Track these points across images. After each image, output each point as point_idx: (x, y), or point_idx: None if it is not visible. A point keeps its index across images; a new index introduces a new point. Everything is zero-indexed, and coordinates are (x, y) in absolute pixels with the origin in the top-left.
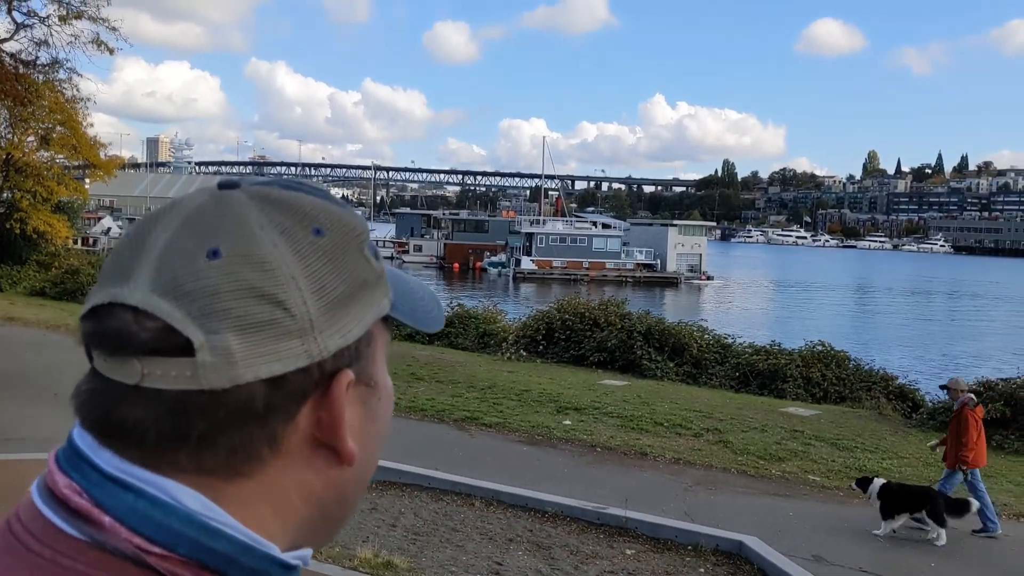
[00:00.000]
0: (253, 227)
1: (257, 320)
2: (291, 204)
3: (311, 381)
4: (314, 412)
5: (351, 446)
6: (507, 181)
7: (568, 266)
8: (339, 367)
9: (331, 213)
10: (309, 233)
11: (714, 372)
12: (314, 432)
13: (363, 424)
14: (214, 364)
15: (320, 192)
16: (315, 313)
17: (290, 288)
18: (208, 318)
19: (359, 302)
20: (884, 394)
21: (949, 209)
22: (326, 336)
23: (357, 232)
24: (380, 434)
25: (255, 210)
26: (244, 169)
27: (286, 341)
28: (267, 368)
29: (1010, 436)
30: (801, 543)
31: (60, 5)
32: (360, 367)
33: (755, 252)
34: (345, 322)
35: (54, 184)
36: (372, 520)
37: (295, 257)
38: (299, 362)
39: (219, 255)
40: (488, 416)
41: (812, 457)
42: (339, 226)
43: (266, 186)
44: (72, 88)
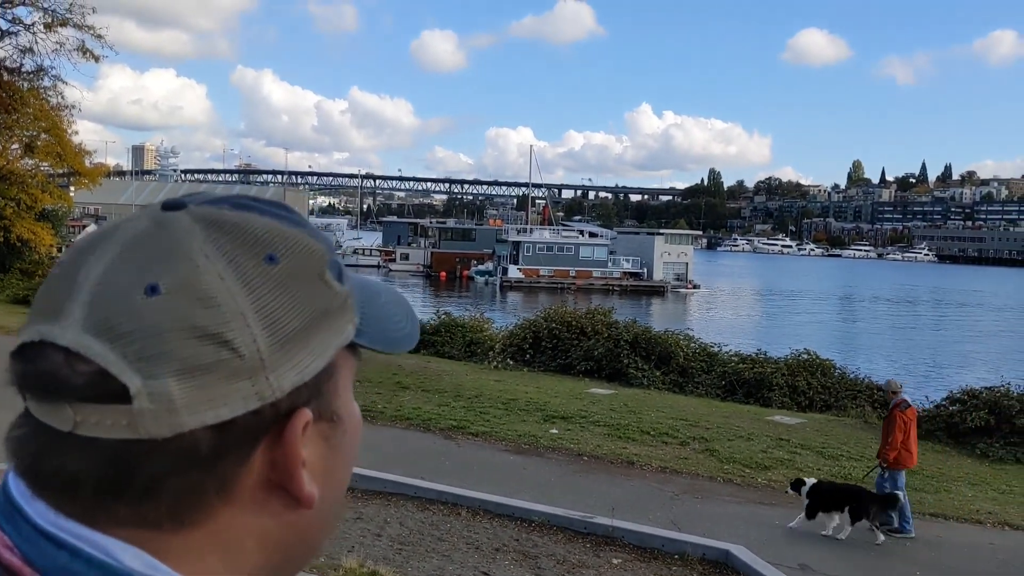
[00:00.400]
0: (197, 257)
1: (201, 363)
2: (241, 228)
3: (264, 423)
4: (268, 454)
5: (309, 489)
6: (494, 190)
7: (555, 275)
8: (295, 406)
9: (287, 236)
10: (261, 261)
11: (700, 381)
12: (269, 475)
13: (325, 462)
14: (153, 412)
15: (277, 210)
16: (267, 351)
17: (238, 325)
18: (146, 362)
19: (318, 334)
20: (869, 402)
21: (933, 218)
22: (280, 374)
23: (317, 256)
24: (345, 470)
25: (200, 236)
26: (230, 177)
27: (234, 383)
28: (213, 414)
29: (994, 444)
30: (787, 552)
31: (45, 12)
32: (320, 402)
33: (741, 261)
34: (301, 357)
35: (38, 192)
36: (357, 529)
37: (244, 290)
38: (249, 405)
39: (158, 291)
40: (475, 425)
41: (798, 466)
42: (296, 251)
43: (215, 206)
44: (57, 95)
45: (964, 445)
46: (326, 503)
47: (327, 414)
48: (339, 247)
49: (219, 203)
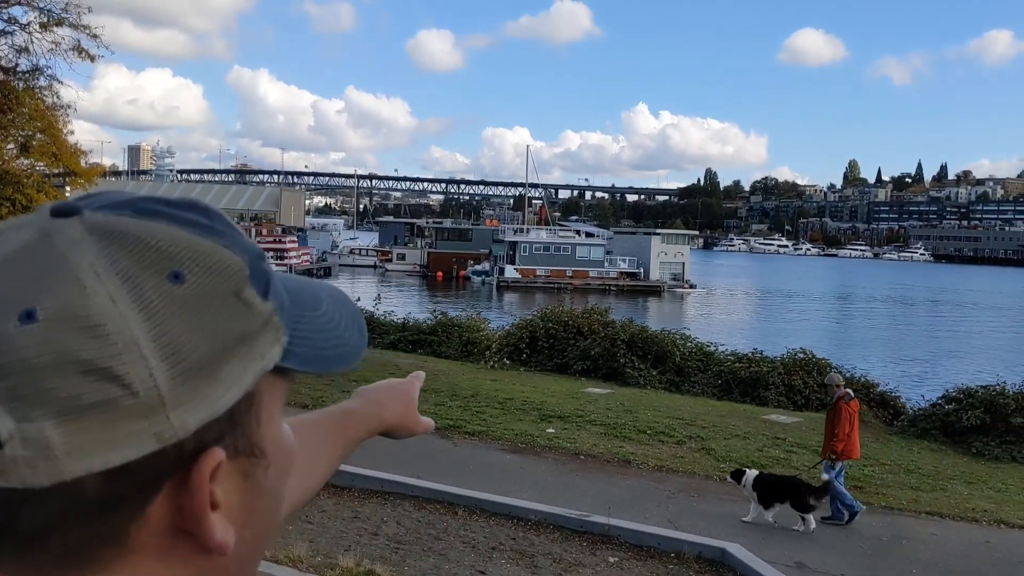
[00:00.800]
0: (85, 276)
1: (85, 402)
2: (142, 240)
3: (166, 466)
4: (173, 499)
5: (220, 536)
6: (491, 190)
7: (551, 275)
8: (204, 445)
9: (197, 250)
10: (163, 280)
11: (696, 380)
12: (175, 521)
13: (246, 502)
14: (28, 459)
15: (192, 216)
16: (166, 386)
17: (131, 358)
18: (19, 401)
19: (232, 361)
20: (865, 401)
21: (929, 218)
22: (183, 412)
23: (233, 272)
24: (271, 507)
25: (92, 250)
26: (227, 177)
27: (127, 424)
28: (101, 460)
29: (990, 443)
30: (784, 550)
31: (41, 12)
32: (237, 438)
33: (737, 261)
34: (211, 391)
35: (34, 192)
36: (354, 528)
37: (140, 315)
38: (145, 447)
39: (35, 317)
40: (471, 424)
41: (794, 464)
42: (207, 266)
43: (115, 212)
44: (53, 95)
45: (960, 444)
46: (247, 544)
47: (246, 449)
48: (335, 247)
49: (120, 208)
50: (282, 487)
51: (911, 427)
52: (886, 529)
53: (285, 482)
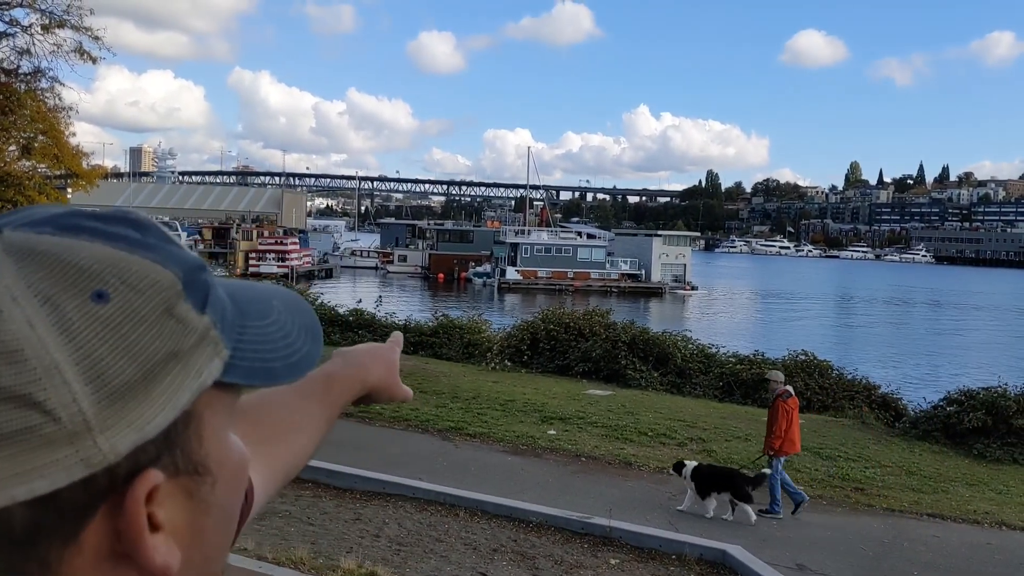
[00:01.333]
0: (1, 300)
1: (4, 431)
2: (62, 259)
3: (96, 492)
4: (109, 524)
5: (161, 559)
6: (492, 191)
7: (553, 276)
8: (139, 468)
9: (123, 266)
10: (86, 300)
11: (698, 382)
12: (114, 546)
13: (192, 521)
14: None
15: (119, 230)
16: (91, 411)
17: (51, 383)
18: None
19: (164, 380)
20: (867, 403)
21: (931, 219)
22: (112, 435)
23: (163, 287)
24: (221, 524)
25: (9, 272)
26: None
27: (51, 452)
28: (25, 489)
29: (991, 445)
30: (784, 552)
31: (43, 14)
32: (176, 457)
33: (739, 262)
34: (141, 412)
35: (35, 194)
36: (356, 530)
37: (61, 338)
38: (73, 475)
39: None
40: (472, 426)
41: (795, 466)
42: (133, 284)
43: (36, 229)
44: (54, 97)
45: (961, 446)
46: (197, 561)
47: (188, 468)
48: (337, 249)
49: (40, 226)
50: (232, 503)
51: (912, 429)
52: (887, 531)
53: (236, 497)
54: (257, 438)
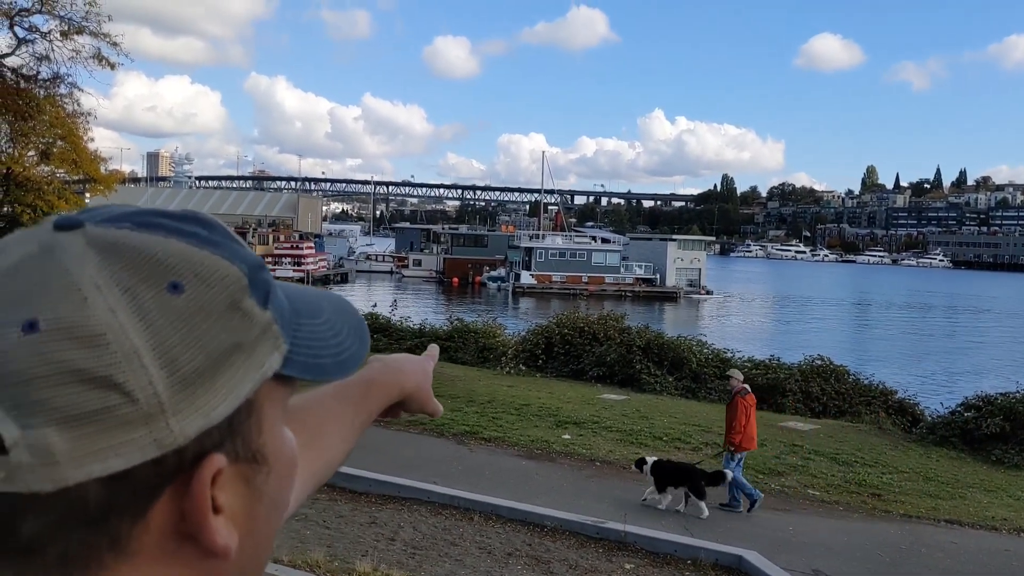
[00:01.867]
0: (85, 288)
1: (86, 410)
2: (141, 253)
3: (166, 472)
4: (175, 504)
5: (222, 540)
6: (506, 196)
7: (567, 281)
8: (204, 451)
9: (195, 261)
10: (162, 291)
11: (713, 386)
12: (177, 525)
13: (248, 507)
14: (32, 465)
15: (191, 228)
16: (165, 394)
17: (130, 366)
18: (23, 409)
19: (229, 370)
20: (884, 408)
21: (948, 224)
22: (182, 419)
23: (231, 282)
24: (272, 512)
25: (93, 263)
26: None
27: (127, 432)
28: (102, 466)
29: (1009, 451)
30: (801, 557)
31: (62, 21)
32: (237, 444)
33: (754, 267)
34: (209, 398)
35: (55, 198)
36: (371, 534)
37: (140, 325)
38: (146, 454)
39: (36, 328)
40: (487, 430)
41: (811, 471)
42: (205, 277)
43: (115, 225)
44: (73, 103)
45: (979, 451)
46: (249, 548)
47: (247, 455)
48: (352, 253)
49: (120, 221)
50: (284, 494)
51: (930, 435)
52: (904, 537)
53: (287, 489)
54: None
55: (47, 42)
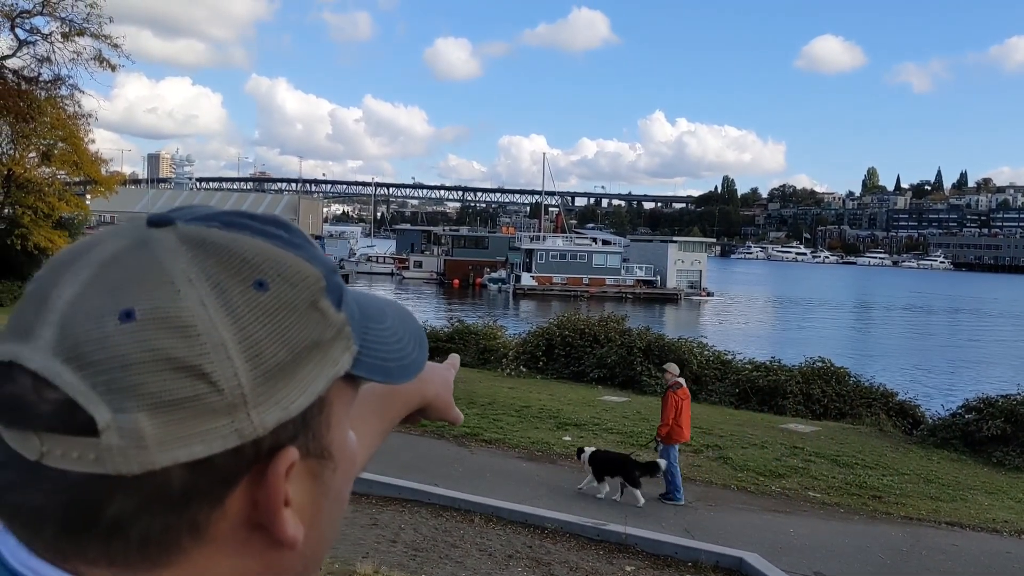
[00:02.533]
0: (179, 281)
1: (175, 397)
2: (230, 250)
3: (244, 461)
4: (249, 494)
5: (292, 531)
6: (507, 197)
7: (568, 282)
8: (280, 444)
9: (279, 260)
10: (248, 287)
11: (714, 388)
12: (250, 515)
13: (314, 501)
14: (122, 447)
15: (273, 230)
16: (248, 386)
17: (218, 357)
18: (116, 394)
19: (307, 366)
20: (884, 410)
21: (949, 226)
22: (262, 411)
23: (311, 282)
24: (335, 507)
25: (184, 258)
26: (245, 185)
27: (211, 420)
28: (187, 451)
29: (1011, 452)
30: (802, 560)
31: (63, 23)
32: (309, 439)
33: (755, 268)
34: (287, 392)
35: (55, 200)
36: (372, 536)
37: (227, 319)
38: (227, 443)
39: (132, 317)
40: (488, 432)
41: (812, 474)
42: (288, 277)
43: (205, 224)
44: (74, 104)
45: (980, 454)
46: (312, 541)
47: (316, 451)
48: (353, 255)
49: (209, 221)
50: (346, 490)
51: (931, 437)
52: (906, 539)
53: (349, 486)
54: None
55: (48, 44)
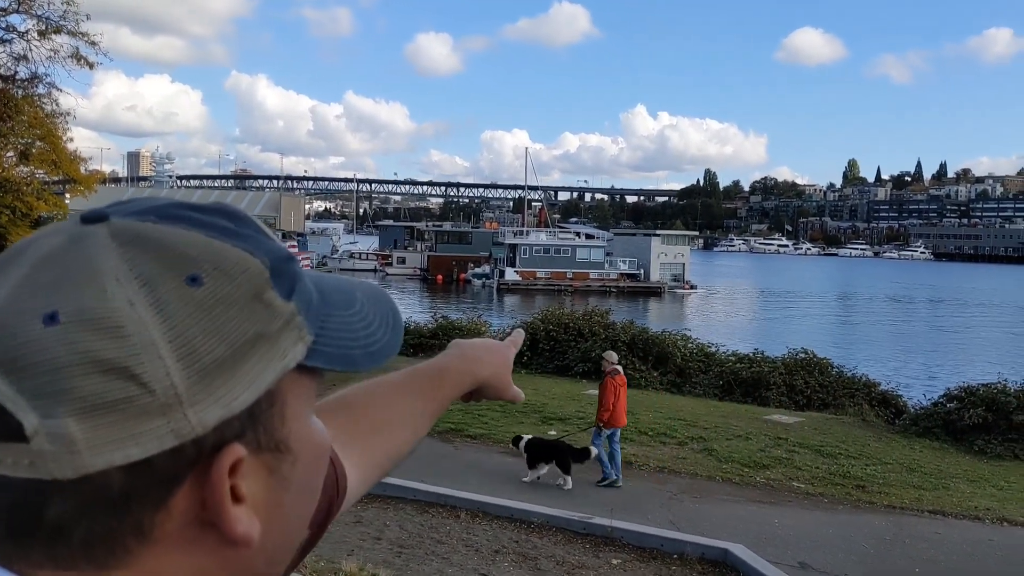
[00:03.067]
0: (106, 280)
1: (105, 400)
2: (163, 245)
3: (186, 460)
4: (196, 492)
5: (242, 529)
6: (490, 192)
7: (552, 277)
8: (224, 441)
9: (216, 253)
10: (182, 283)
11: (698, 381)
12: (199, 513)
13: (272, 496)
14: (53, 452)
15: (215, 220)
16: (183, 384)
17: (148, 358)
18: (44, 399)
19: (250, 361)
20: (867, 400)
21: (929, 216)
22: (200, 409)
23: (252, 274)
24: (301, 501)
25: (115, 255)
26: (226, 183)
27: (145, 422)
28: (122, 454)
29: (992, 441)
30: (787, 550)
31: (39, 20)
32: (260, 434)
33: (738, 261)
34: (228, 389)
35: (34, 199)
36: (356, 533)
37: (157, 317)
38: (164, 444)
39: (56, 320)
40: (472, 428)
41: (796, 464)
42: (225, 269)
43: (140, 218)
44: (52, 103)
45: (962, 442)
46: (276, 536)
47: (270, 445)
48: (335, 252)
49: (145, 214)
50: (312, 482)
51: (913, 426)
52: (889, 528)
53: (317, 477)
54: (357, 431)
55: (24, 42)
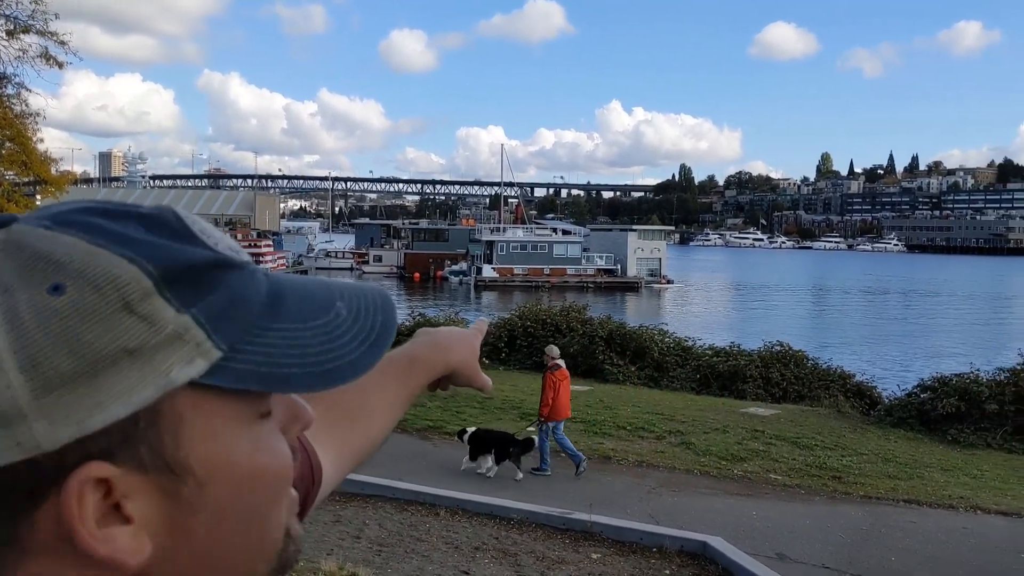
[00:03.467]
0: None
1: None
2: (36, 251)
3: (44, 475)
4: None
5: (104, 550)
6: (466, 189)
7: (529, 273)
8: (88, 457)
9: (88, 260)
10: (43, 291)
11: (675, 375)
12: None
13: (173, 520)
14: None
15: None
16: (25, 398)
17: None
18: None
19: (114, 376)
20: (842, 392)
21: (901, 209)
22: (50, 423)
23: (123, 283)
24: (225, 526)
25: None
26: (200, 182)
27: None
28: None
29: (965, 430)
30: (765, 542)
31: (7, 20)
32: (141, 453)
33: (714, 255)
34: (83, 403)
35: (3, 201)
36: (336, 532)
37: (6, 326)
38: (10, 456)
39: None
40: (451, 425)
41: (773, 456)
42: (92, 278)
43: (37, 223)
44: (21, 103)
45: (935, 432)
46: (185, 561)
47: (159, 465)
48: (311, 251)
49: (42, 219)
50: (243, 507)
51: (887, 416)
52: (865, 518)
53: (249, 502)
54: (330, 420)
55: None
